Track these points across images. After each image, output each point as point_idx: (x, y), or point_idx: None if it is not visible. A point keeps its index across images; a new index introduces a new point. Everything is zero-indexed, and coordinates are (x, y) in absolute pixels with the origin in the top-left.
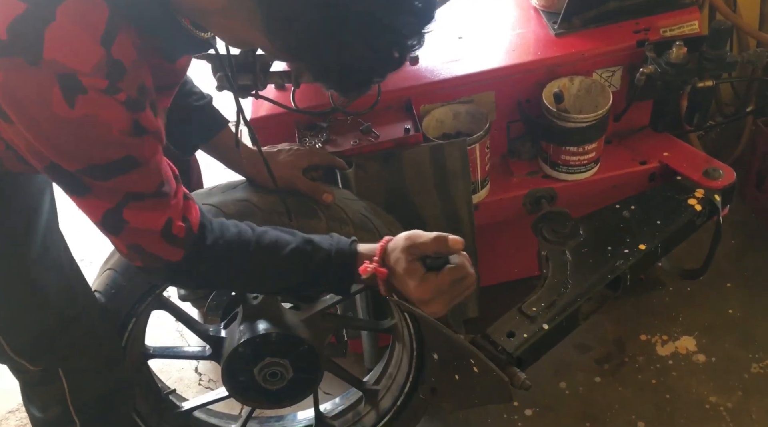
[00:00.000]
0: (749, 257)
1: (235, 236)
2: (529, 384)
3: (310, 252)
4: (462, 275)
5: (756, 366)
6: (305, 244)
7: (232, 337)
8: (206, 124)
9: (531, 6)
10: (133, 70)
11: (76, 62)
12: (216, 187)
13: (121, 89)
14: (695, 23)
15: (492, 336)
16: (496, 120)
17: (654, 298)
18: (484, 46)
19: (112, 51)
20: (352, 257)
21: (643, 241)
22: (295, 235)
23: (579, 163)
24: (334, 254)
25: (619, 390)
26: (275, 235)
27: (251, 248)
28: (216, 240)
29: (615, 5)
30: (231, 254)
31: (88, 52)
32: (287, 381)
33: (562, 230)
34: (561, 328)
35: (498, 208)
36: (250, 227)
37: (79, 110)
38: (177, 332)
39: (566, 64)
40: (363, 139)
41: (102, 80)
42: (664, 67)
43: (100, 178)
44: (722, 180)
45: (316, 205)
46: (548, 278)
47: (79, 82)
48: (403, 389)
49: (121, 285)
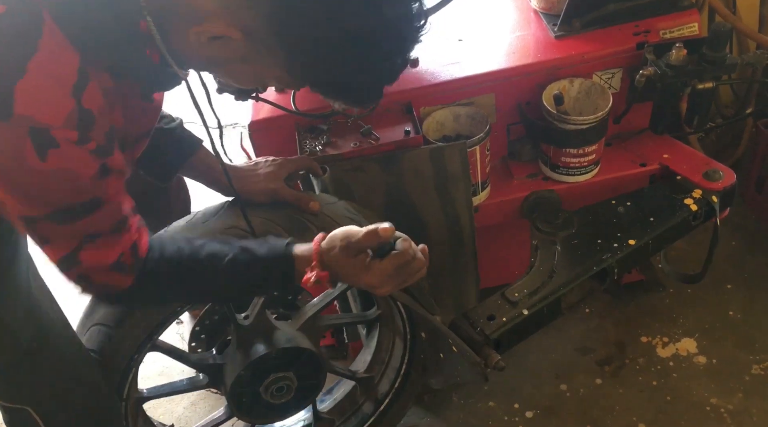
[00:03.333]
0: (749, 259)
1: (175, 254)
2: (503, 365)
3: (247, 261)
4: (406, 259)
5: (757, 368)
6: (242, 253)
7: (233, 362)
8: (180, 146)
9: (531, 8)
10: (101, 117)
11: (48, 117)
12: (195, 218)
13: (90, 139)
14: (695, 25)
15: (472, 317)
16: (497, 122)
17: (655, 300)
18: (484, 49)
19: (83, 101)
20: (289, 260)
21: (634, 236)
22: (232, 245)
23: (579, 166)
24: (271, 260)
25: (620, 392)
26: (213, 248)
27: (190, 263)
28: (158, 261)
29: (614, 7)
30: (173, 271)
31: (59, 104)
32: (294, 391)
33: (555, 221)
34: (542, 315)
35: (498, 211)
36: (188, 242)
37: (51, 163)
38: (177, 334)
39: (566, 67)
40: (363, 142)
41: (72, 132)
42: (663, 69)
43: (63, 222)
44: (722, 182)
45: (304, 218)
46: (535, 266)
47: (51, 136)
48: (400, 370)
49: (116, 340)
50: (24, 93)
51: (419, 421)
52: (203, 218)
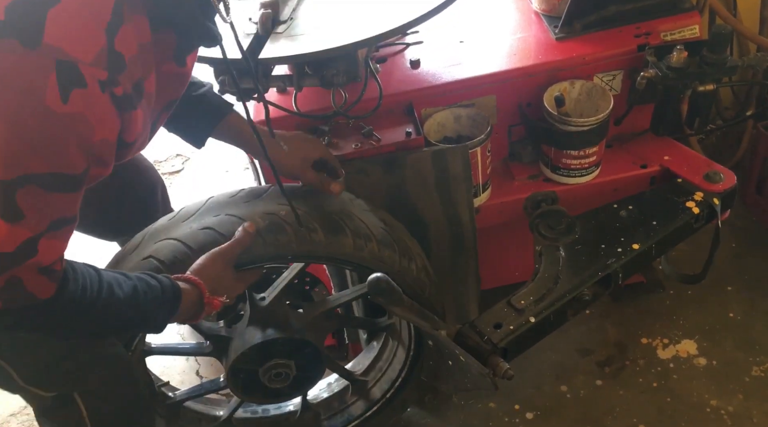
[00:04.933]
0: (749, 261)
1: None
2: (511, 374)
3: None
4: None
5: (757, 369)
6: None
7: (241, 338)
8: (210, 111)
9: (532, 10)
10: (132, 65)
11: (79, 50)
12: (238, 195)
13: (119, 83)
14: (695, 27)
15: (479, 326)
16: (498, 124)
17: (655, 301)
18: (485, 50)
19: (115, 41)
20: (176, 302)
21: (637, 241)
22: (131, 279)
23: (580, 167)
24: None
25: (620, 393)
26: (128, 285)
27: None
28: (78, 276)
29: (615, 9)
30: (91, 299)
31: (92, 39)
32: (290, 379)
33: (558, 227)
34: (548, 322)
35: (499, 212)
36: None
37: (72, 106)
38: (179, 335)
39: (567, 68)
40: (365, 143)
41: (103, 71)
42: (664, 71)
43: (50, 189)
44: (723, 183)
45: (341, 221)
46: (540, 272)
47: (80, 73)
48: (395, 382)
49: None
50: (55, 22)
51: (420, 421)
52: (246, 198)
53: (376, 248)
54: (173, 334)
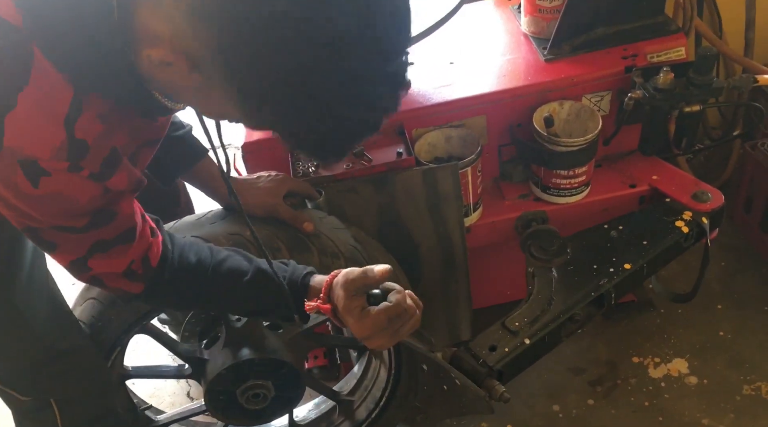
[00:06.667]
0: (739, 279)
1: (194, 266)
2: (508, 397)
3: (263, 285)
4: (398, 312)
5: (748, 388)
6: (261, 275)
7: (215, 360)
8: (186, 153)
9: (521, 32)
10: (98, 145)
11: (36, 149)
12: (205, 217)
13: (83, 168)
14: (682, 49)
15: (474, 349)
16: (488, 144)
17: (646, 320)
18: (475, 72)
19: (75, 131)
20: (303, 290)
21: (629, 260)
22: (252, 262)
23: (569, 187)
24: (286, 287)
25: (612, 413)
26: (233, 264)
27: (208, 278)
28: (175, 272)
29: (603, 32)
30: (188, 283)
31: (49, 137)
32: (269, 400)
33: (550, 248)
34: (543, 343)
35: (490, 231)
36: (211, 253)
37: (44, 189)
38: (168, 356)
39: (556, 89)
40: (356, 163)
41: (62, 163)
42: (651, 93)
43: (69, 232)
44: (711, 203)
45: (307, 239)
46: (533, 294)
47: (40, 167)
48: (379, 403)
49: (108, 317)
50: (13, 125)
51: None
52: (212, 219)
53: (344, 264)
54: (160, 356)
